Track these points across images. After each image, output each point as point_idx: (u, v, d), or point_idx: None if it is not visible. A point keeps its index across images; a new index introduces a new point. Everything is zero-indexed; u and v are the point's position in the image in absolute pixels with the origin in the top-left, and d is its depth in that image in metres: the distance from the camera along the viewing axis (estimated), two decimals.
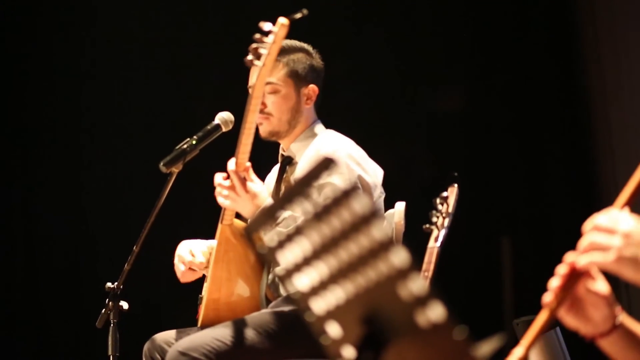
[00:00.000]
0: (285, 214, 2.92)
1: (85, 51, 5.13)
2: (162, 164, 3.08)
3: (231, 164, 2.98)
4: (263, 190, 3.03)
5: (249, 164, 3.00)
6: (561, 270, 1.51)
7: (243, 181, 2.98)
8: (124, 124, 5.11)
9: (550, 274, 1.54)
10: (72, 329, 4.95)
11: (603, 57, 4.80)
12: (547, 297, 1.51)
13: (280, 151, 3.38)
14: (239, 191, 2.97)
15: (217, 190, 3.02)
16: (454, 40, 5.09)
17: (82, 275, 4.99)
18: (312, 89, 3.30)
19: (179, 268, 3.25)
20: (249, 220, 3.25)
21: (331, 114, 3.45)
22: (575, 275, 1.50)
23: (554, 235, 4.83)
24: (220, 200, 3.02)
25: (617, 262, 1.42)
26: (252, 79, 3.19)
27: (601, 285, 1.54)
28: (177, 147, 3.11)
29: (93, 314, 3.17)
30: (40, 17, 5.12)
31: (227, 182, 3.00)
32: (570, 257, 1.51)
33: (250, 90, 3.24)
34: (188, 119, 4.13)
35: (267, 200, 3.01)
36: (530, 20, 5.07)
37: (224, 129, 3.19)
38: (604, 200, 4.07)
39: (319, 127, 3.34)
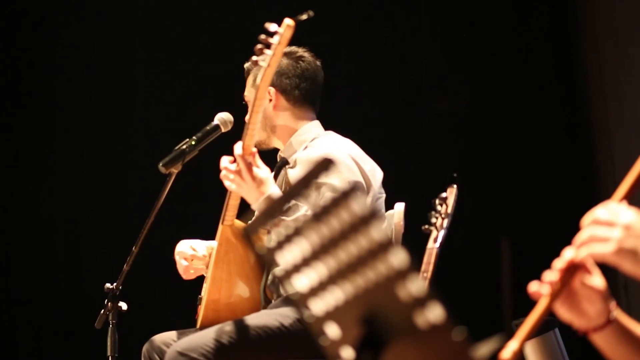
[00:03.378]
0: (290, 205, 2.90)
1: (87, 50, 5.13)
2: (161, 164, 3.08)
3: (238, 148, 2.95)
4: (269, 176, 2.99)
5: (255, 149, 2.98)
6: (559, 264, 1.52)
7: (249, 166, 2.94)
8: (124, 125, 5.12)
9: None
10: (72, 329, 4.95)
11: (603, 59, 4.80)
12: (542, 289, 1.52)
13: (280, 153, 3.35)
14: (245, 176, 2.93)
15: (223, 173, 2.99)
16: (453, 42, 5.09)
17: (82, 276, 4.99)
18: (269, 91, 3.21)
19: (181, 264, 3.24)
20: (249, 222, 3.26)
21: (331, 114, 3.44)
22: (572, 269, 1.51)
23: (553, 236, 4.82)
24: (227, 183, 3.00)
25: (616, 254, 1.42)
26: (249, 87, 3.21)
27: (597, 280, 1.55)
28: (176, 147, 3.11)
29: (93, 314, 3.17)
30: (43, 17, 5.12)
31: (234, 166, 2.96)
32: (568, 252, 1.51)
33: (246, 99, 3.26)
34: (188, 119, 4.13)
35: (272, 186, 2.97)
36: (530, 22, 5.06)
37: (223, 130, 3.19)
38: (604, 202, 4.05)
39: (313, 129, 3.29)
